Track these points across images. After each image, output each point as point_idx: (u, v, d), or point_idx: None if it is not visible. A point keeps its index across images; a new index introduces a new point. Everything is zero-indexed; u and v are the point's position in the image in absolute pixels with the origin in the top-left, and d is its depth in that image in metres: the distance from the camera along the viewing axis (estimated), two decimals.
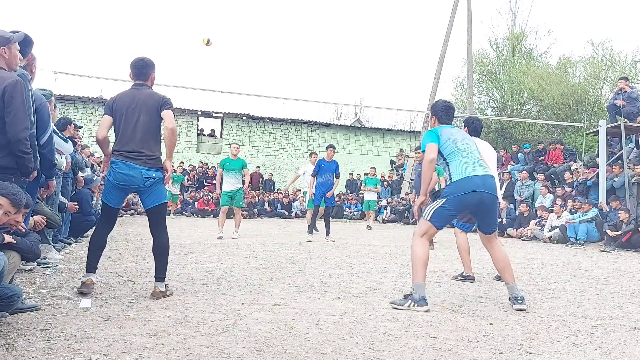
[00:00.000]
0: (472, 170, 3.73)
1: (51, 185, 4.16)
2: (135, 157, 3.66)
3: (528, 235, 11.34)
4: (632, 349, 2.82)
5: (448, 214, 3.77)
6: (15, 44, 3.35)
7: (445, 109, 4.08)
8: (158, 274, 3.74)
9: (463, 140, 3.88)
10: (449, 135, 3.85)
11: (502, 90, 25.06)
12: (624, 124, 11.42)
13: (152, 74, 3.89)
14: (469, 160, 3.77)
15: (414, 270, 3.73)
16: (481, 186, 3.69)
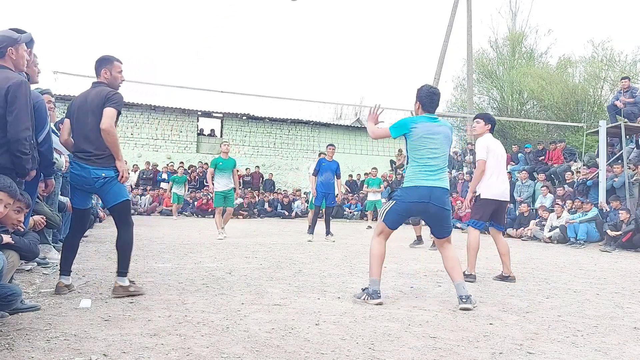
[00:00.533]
0: (423, 180, 3.78)
1: (50, 184, 4.15)
2: (85, 158, 3.63)
3: (528, 235, 11.34)
4: (632, 349, 2.82)
5: (398, 217, 3.88)
6: (22, 44, 3.35)
7: (430, 95, 3.98)
8: (120, 268, 3.68)
9: (432, 143, 3.83)
10: (420, 134, 3.82)
11: (502, 90, 25.07)
12: (624, 124, 11.42)
13: (102, 70, 3.77)
14: (426, 168, 3.80)
15: (370, 266, 3.88)
16: (426, 197, 3.76)
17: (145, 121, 19.88)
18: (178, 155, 20.00)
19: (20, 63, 3.32)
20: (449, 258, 3.93)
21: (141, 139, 19.67)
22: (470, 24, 20.04)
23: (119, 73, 3.83)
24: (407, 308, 3.64)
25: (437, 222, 3.91)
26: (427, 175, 3.79)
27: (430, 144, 3.82)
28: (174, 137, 20.28)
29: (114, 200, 3.68)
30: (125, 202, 3.76)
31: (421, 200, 3.76)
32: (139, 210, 15.81)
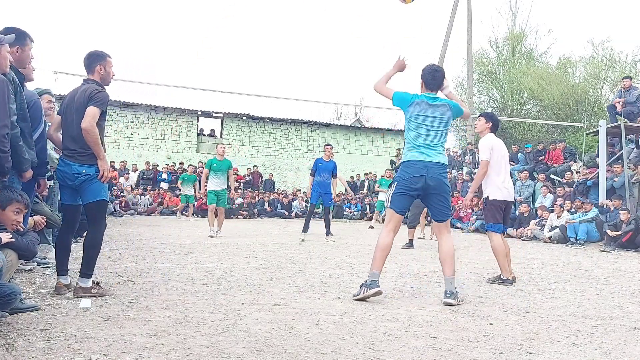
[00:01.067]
0: (419, 155, 3.88)
1: (43, 183, 4.14)
2: (69, 155, 3.65)
3: (528, 235, 11.34)
4: (632, 349, 2.82)
5: (402, 198, 3.94)
6: (5, 45, 3.32)
7: (432, 73, 4.04)
8: (83, 269, 3.61)
9: (428, 121, 3.91)
10: (417, 111, 3.93)
11: (502, 90, 25.08)
12: (624, 124, 11.42)
13: (96, 67, 3.72)
14: (421, 145, 3.90)
15: (373, 258, 3.93)
16: (423, 170, 3.85)
17: (145, 121, 19.88)
18: (178, 155, 20.00)
19: (3, 64, 3.28)
20: (444, 251, 3.96)
21: (141, 139, 19.66)
22: (470, 24, 20.04)
23: (111, 68, 3.83)
24: (407, 308, 3.64)
25: (437, 199, 3.92)
26: (423, 152, 3.88)
27: (427, 122, 3.90)
28: (174, 137, 20.27)
29: (90, 198, 3.65)
30: (101, 201, 3.70)
31: (419, 174, 3.84)
32: (139, 210, 15.81)
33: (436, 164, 3.87)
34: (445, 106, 3.99)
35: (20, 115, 3.43)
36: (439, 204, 3.94)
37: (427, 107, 3.93)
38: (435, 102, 3.97)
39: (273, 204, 17.87)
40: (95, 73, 3.75)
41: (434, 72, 4.04)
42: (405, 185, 3.90)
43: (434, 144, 3.91)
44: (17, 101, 3.40)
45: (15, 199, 3.16)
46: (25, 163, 3.50)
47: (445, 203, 3.96)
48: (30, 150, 3.59)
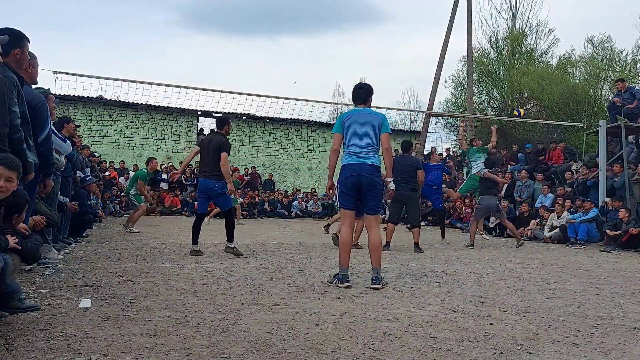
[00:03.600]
0: (353, 159, 4.50)
1: (48, 184, 4.14)
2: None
3: (528, 235, 11.33)
4: (632, 349, 2.81)
5: (347, 196, 4.56)
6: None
7: (356, 90, 4.78)
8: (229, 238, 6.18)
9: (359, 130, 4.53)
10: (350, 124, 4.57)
11: (502, 90, 25.05)
12: (624, 124, 11.42)
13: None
14: (355, 150, 4.51)
15: (340, 255, 4.51)
16: (357, 171, 4.46)
17: (145, 121, 19.87)
18: (178, 155, 19.99)
19: None
20: (372, 242, 4.53)
21: (141, 139, 19.66)
22: (470, 24, 20.03)
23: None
24: (407, 308, 3.64)
25: (370, 196, 4.50)
26: (356, 156, 4.50)
27: (358, 131, 4.52)
28: (174, 137, 20.27)
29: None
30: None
31: (353, 174, 4.46)
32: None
33: (368, 165, 4.47)
34: (375, 115, 4.63)
35: (22, 118, 3.43)
36: (371, 200, 4.50)
37: (360, 117, 4.58)
38: (363, 112, 4.63)
39: (273, 204, 17.86)
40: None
41: (357, 90, 4.79)
42: (345, 186, 4.51)
43: (368, 149, 4.52)
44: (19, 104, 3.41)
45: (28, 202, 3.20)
46: (28, 166, 3.51)
47: (376, 199, 4.52)
48: (32, 152, 3.59)
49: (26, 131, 3.50)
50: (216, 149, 6.27)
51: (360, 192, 4.50)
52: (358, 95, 4.75)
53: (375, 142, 4.53)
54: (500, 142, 20.93)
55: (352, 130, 4.53)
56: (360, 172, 4.44)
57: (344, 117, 4.64)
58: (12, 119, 3.27)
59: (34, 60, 4.01)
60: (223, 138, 6.47)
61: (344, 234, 4.56)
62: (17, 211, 3.09)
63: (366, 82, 4.88)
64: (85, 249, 6.50)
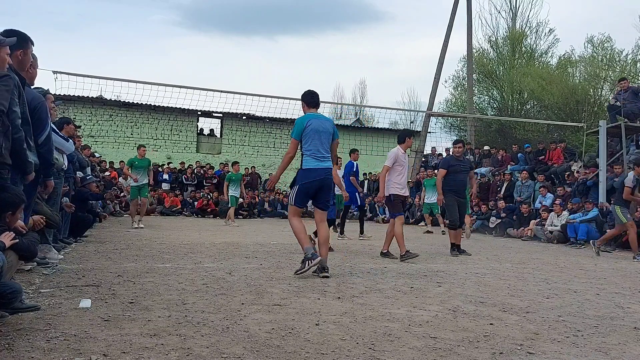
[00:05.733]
0: (317, 163, 4.88)
1: (49, 184, 4.15)
2: None
3: (528, 235, 11.33)
4: (632, 349, 2.81)
5: (304, 196, 4.97)
6: (5, 48, 3.31)
7: (311, 95, 5.15)
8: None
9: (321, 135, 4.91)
10: (312, 128, 4.89)
11: (502, 90, 25.05)
12: (624, 124, 11.42)
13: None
14: (318, 155, 4.89)
15: (300, 240, 4.91)
16: (322, 175, 4.88)
17: (145, 121, 19.88)
18: (178, 155, 20.00)
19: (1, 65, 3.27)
20: (322, 236, 5.00)
21: (141, 139, 19.64)
22: (470, 24, 20.04)
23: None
24: (407, 308, 3.64)
25: (325, 195, 4.98)
26: (320, 160, 4.88)
27: (320, 136, 4.89)
28: (174, 137, 20.27)
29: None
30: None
31: (318, 177, 4.86)
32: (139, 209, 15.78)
33: (329, 169, 4.95)
34: (330, 121, 5.08)
35: (22, 118, 3.43)
36: (325, 198, 5.01)
37: (320, 123, 4.96)
38: (322, 118, 5.03)
39: (273, 204, 17.86)
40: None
41: (312, 95, 5.14)
42: (309, 187, 4.90)
43: (327, 154, 4.95)
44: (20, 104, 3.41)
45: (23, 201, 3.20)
46: (29, 166, 3.51)
47: (328, 197, 5.06)
48: (32, 152, 3.60)
49: (26, 131, 3.50)
50: None
51: (316, 192, 4.95)
52: (312, 100, 5.11)
53: (330, 146, 5.00)
54: (500, 142, 20.95)
55: (314, 136, 4.88)
56: (325, 176, 4.89)
57: (305, 123, 4.91)
58: (13, 119, 3.27)
59: (35, 62, 4.01)
60: None
61: (298, 223, 4.95)
62: (11, 209, 3.09)
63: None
64: (85, 249, 6.50)
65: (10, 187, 3.14)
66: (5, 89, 3.11)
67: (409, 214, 16.18)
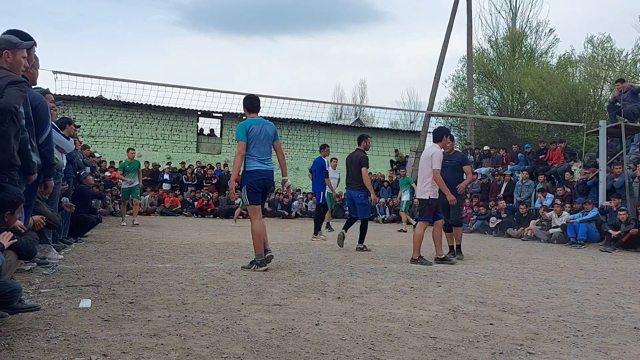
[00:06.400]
0: (261, 165, 5.20)
1: (49, 185, 4.14)
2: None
3: (528, 235, 11.33)
4: (632, 349, 2.81)
5: (255, 193, 5.21)
6: (22, 50, 3.33)
7: (251, 100, 5.40)
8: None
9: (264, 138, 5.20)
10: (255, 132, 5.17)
11: (502, 90, 25.04)
12: (624, 124, 11.41)
13: None
14: (262, 157, 5.20)
15: (254, 244, 5.16)
16: (265, 175, 5.22)
17: (145, 121, 19.86)
18: (178, 155, 19.99)
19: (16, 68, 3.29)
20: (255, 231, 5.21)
21: (141, 139, 19.65)
22: (470, 24, 20.03)
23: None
24: (407, 308, 3.64)
25: (265, 194, 5.44)
26: (263, 162, 5.22)
27: (261, 141, 5.19)
28: (174, 137, 20.26)
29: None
30: None
31: (262, 177, 5.20)
32: (139, 210, 15.78)
33: (271, 170, 5.31)
34: (271, 125, 5.34)
35: (25, 119, 3.43)
36: (264, 197, 5.49)
37: (262, 127, 5.23)
38: (263, 122, 5.29)
39: (273, 204, 17.85)
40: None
41: (252, 100, 5.39)
42: (257, 186, 5.20)
43: (269, 155, 5.28)
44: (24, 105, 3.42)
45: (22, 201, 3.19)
46: (32, 167, 3.51)
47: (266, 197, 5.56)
48: (35, 153, 3.60)
49: (29, 132, 3.50)
50: (357, 164, 7.44)
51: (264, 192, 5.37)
52: (252, 106, 5.38)
53: (271, 149, 5.34)
54: (500, 142, 20.95)
55: (256, 140, 5.18)
56: (267, 176, 5.25)
57: (248, 127, 5.18)
58: (19, 119, 3.28)
59: (36, 62, 4.01)
60: (362, 154, 7.55)
61: (256, 226, 5.17)
62: (9, 208, 3.09)
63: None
64: (85, 249, 6.50)
65: (9, 187, 3.14)
66: (21, 94, 3.15)
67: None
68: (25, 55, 3.37)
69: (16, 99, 3.10)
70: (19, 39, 3.36)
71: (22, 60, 3.34)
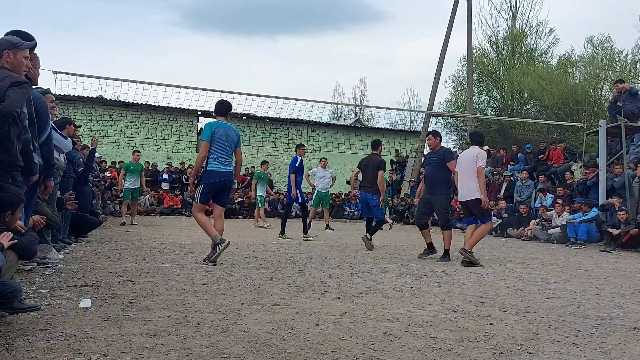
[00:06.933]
0: (221, 167, 5.46)
1: (49, 185, 4.15)
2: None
3: (528, 235, 11.33)
4: (632, 349, 2.81)
5: (207, 194, 5.56)
6: (23, 51, 3.32)
7: (219, 105, 5.73)
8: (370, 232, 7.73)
9: (226, 142, 5.47)
10: (219, 135, 5.44)
11: (502, 90, 25.05)
12: (624, 124, 11.41)
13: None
14: (222, 159, 5.46)
15: (207, 231, 5.49)
16: (224, 177, 5.49)
17: (145, 121, 19.87)
18: (178, 155, 19.99)
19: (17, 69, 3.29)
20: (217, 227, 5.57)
21: (141, 139, 19.65)
22: (470, 24, 20.02)
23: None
24: (407, 308, 3.64)
25: (225, 193, 5.67)
26: (223, 164, 5.47)
27: (224, 144, 5.46)
28: (174, 137, 20.27)
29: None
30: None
31: (222, 179, 5.47)
32: (139, 210, 15.78)
33: (230, 172, 5.56)
34: (234, 130, 5.60)
35: (28, 119, 3.44)
36: (225, 197, 5.71)
37: (226, 130, 5.48)
38: (227, 126, 5.55)
39: (273, 204, 17.84)
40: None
41: (219, 105, 5.72)
42: (211, 187, 5.48)
43: (229, 158, 5.54)
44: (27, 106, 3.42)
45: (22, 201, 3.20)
46: (34, 167, 3.51)
47: (227, 196, 5.74)
48: (37, 153, 3.60)
49: (32, 132, 3.50)
50: (376, 167, 7.66)
51: (219, 191, 5.59)
52: (220, 109, 5.67)
53: (232, 152, 5.61)
54: (500, 142, 20.95)
55: (220, 142, 5.43)
56: (227, 177, 5.51)
57: (214, 128, 5.45)
58: (21, 119, 3.28)
59: (36, 62, 4.01)
60: (380, 158, 7.82)
61: (202, 217, 5.56)
62: (10, 209, 3.09)
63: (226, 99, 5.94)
64: (85, 249, 6.50)
65: (9, 187, 3.14)
66: (23, 95, 3.15)
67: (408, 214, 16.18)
68: (27, 56, 3.37)
69: (19, 101, 3.11)
70: (20, 39, 3.36)
71: (24, 60, 3.34)
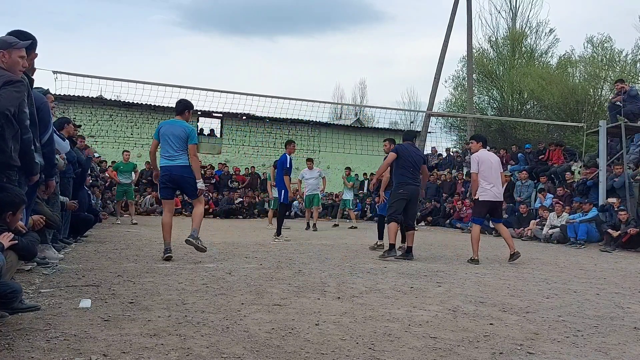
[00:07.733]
0: (165, 161, 5.74)
1: (50, 185, 4.15)
2: None
3: (528, 235, 11.33)
4: (632, 349, 2.81)
5: (164, 190, 5.83)
6: (19, 50, 3.31)
7: (176, 105, 6.09)
8: None
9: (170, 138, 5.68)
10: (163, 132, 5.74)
11: (502, 90, 25.05)
12: (624, 124, 11.41)
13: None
14: (166, 154, 5.71)
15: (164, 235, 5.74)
16: (167, 171, 5.72)
17: (145, 121, 19.86)
18: None
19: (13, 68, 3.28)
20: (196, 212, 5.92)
21: (141, 139, 19.65)
22: (470, 24, 20.04)
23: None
24: (407, 308, 3.64)
25: (185, 187, 5.84)
26: (167, 159, 5.72)
27: (168, 140, 5.69)
28: None
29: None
30: None
31: (165, 173, 5.73)
32: (139, 210, 15.78)
33: (177, 166, 5.69)
34: (182, 126, 5.77)
35: (30, 119, 3.44)
36: (188, 189, 5.85)
37: (170, 127, 5.76)
38: (175, 124, 5.81)
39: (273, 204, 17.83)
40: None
41: (178, 102, 6.09)
42: (162, 182, 5.78)
43: (176, 153, 5.69)
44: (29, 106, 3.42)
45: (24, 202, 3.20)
46: (35, 167, 3.51)
47: (192, 189, 5.78)
48: (38, 153, 3.60)
49: (33, 132, 3.50)
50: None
51: (178, 186, 5.84)
52: (176, 108, 6.02)
53: (183, 147, 5.70)
54: (500, 142, 20.94)
55: (164, 139, 5.72)
56: (171, 172, 5.70)
57: (160, 127, 5.85)
58: (22, 119, 3.28)
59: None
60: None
61: (164, 217, 5.82)
62: (11, 209, 3.09)
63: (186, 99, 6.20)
64: (85, 249, 6.50)
65: (10, 188, 3.14)
66: (16, 94, 3.13)
67: None
68: (22, 55, 3.35)
69: (11, 100, 3.08)
70: (16, 38, 3.35)
71: (20, 59, 3.32)
